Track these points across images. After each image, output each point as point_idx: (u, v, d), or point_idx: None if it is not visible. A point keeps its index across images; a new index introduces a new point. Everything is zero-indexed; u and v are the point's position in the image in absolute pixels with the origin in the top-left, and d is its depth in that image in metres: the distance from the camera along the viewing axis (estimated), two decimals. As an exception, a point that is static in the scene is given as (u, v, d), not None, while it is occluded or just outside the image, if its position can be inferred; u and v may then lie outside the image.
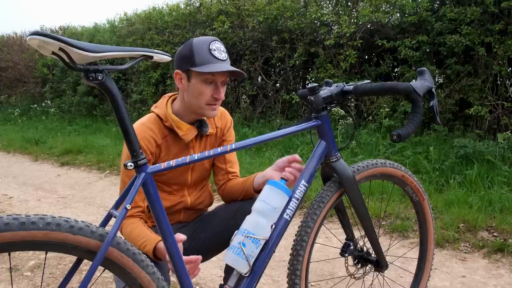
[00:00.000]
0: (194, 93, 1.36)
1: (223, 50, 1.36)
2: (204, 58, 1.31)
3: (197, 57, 1.31)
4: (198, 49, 1.32)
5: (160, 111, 1.43)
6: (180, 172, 1.48)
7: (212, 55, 1.32)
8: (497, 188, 3.10)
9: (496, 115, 4.03)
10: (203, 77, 1.34)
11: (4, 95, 11.16)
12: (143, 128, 1.39)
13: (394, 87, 1.21)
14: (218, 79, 1.35)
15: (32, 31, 0.84)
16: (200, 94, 1.35)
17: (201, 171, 1.55)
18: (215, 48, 1.33)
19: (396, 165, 1.48)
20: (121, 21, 8.45)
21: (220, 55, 1.34)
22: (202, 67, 1.31)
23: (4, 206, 3.74)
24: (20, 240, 0.85)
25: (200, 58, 1.31)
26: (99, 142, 6.15)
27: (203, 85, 1.35)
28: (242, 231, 1.19)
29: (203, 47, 1.32)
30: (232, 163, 1.60)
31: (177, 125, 1.41)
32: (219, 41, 1.37)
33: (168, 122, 1.42)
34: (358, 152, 4.19)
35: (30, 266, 2.47)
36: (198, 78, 1.34)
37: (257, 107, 5.94)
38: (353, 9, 5.11)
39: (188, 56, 1.33)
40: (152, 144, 1.40)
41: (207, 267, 2.35)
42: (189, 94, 1.38)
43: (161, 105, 1.45)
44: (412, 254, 2.16)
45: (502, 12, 3.91)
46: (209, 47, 1.32)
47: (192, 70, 1.33)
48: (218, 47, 1.35)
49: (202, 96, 1.36)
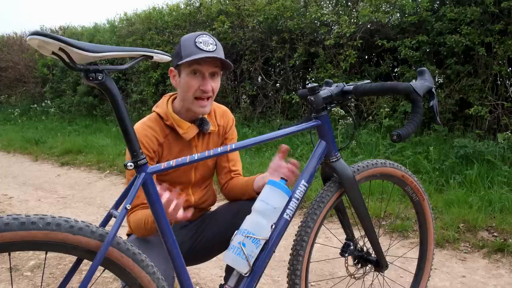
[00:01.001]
0: (184, 87, 1.38)
1: (211, 43, 1.36)
2: (190, 51, 1.33)
3: (184, 51, 1.34)
4: (185, 43, 1.35)
5: (161, 110, 1.44)
6: (184, 171, 1.49)
7: (197, 47, 1.33)
8: (497, 188, 3.10)
9: (496, 115, 4.03)
10: (189, 69, 1.35)
11: (4, 95, 11.16)
12: (144, 127, 1.40)
13: (394, 87, 1.21)
14: (205, 69, 1.36)
15: (32, 31, 0.84)
16: (188, 87, 1.37)
17: (204, 170, 1.55)
18: (201, 41, 1.34)
19: (396, 165, 1.48)
20: (121, 21, 8.45)
21: (207, 46, 1.34)
22: (187, 58, 1.32)
23: (4, 206, 3.74)
24: (20, 240, 0.85)
25: (186, 52, 1.34)
26: (99, 142, 6.15)
27: (190, 77, 1.36)
28: (242, 231, 1.19)
29: (190, 41, 1.35)
30: (234, 161, 1.61)
31: (177, 124, 1.42)
32: (208, 34, 1.38)
33: (169, 121, 1.42)
34: (358, 152, 4.19)
35: (30, 266, 2.47)
36: (185, 71, 1.36)
37: (257, 107, 5.94)
38: (353, 9, 5.11)
39: (178, 52, 1.36)
40: (154, 142, 1.40)
41: (207, 267, 2.35)
42: (181, 90, 1.40)
43: (162, 104, 1.46)
44: (412, 254, 2.16)
45: (502, 12, 3.91)
46: (195, 40, 1.34)
47: (180, 65, 1.35)
48: (205, 40, 1.35)
49: (190, 89, 1.37)
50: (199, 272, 2.35)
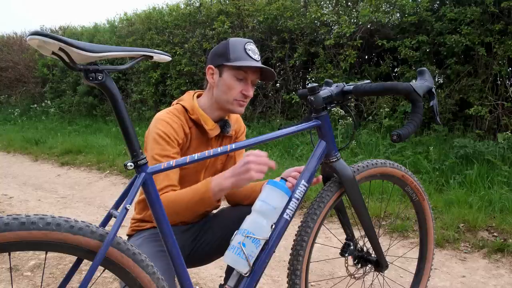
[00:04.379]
0: (224, 88, 1.40)
1: (257, 53, 1.41)
2: (239, 55, 1.36)
3: (232, 53, 1.37)
4: (234, 47, 1.38)
5: (187, 104, 1.45)
6: (194, 171, 1.49)
7: (246, 53, 1.37)
8: (497, 188, 3.10)
9: (496, 115, 4.03)
10: (235, 73, 1.38)
11: (4, 95, 11.17)
12: (170, 115, 1.41)
13: (394, 87, 1.21)
14: (250, 77, 1.40)
15: (32, 31, 0.83)
16: (230, 89, 1.39)
17: (213, 172, 1.55)
18: (250, 48, 1.39)
19: (396, 165, 1.48)
20: (121, 21, 8.46)
21: (254, 55, 1.39)
22: (236, 62, 1.36)
23: (4, 206, 3.74)
24: (20, 240, 0.85)
25: (235, 55, 1.37)
26: (99, 142, 6.15)
27: (234, 80, 1.39)
28: (242, 231, 1.19)
29: (239, 45, 1.38)
30: None
31: (204, 120, 1.44)
32: (254, 43, 1.43)
33: (194, 115, 1.44)
34: (358, 152, 4.19)
35: (30, 266, 2.47)
36: (230, 74, 1.39)
37: (257, 107, 5.94)
38: (353, 9, 5.11)
39: (223, 52, 1.39)
40: (181, 132, 1.41)
41: (207, 267, 2.33)
42: (219, 89, 1.42)
43: (187, 98, 1.48)
44: (412, 254, 2.15)
45: (502, 12, 3.91)
46: (245, 46, 1.38)
47: (225, 65, 1.38)
48: (253, 48, 1.40)
49: (231, 91, 1.39)
50: (199, 272, 2.35)
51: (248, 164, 1.22)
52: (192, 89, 1.62)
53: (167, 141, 1.36)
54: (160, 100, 6.95)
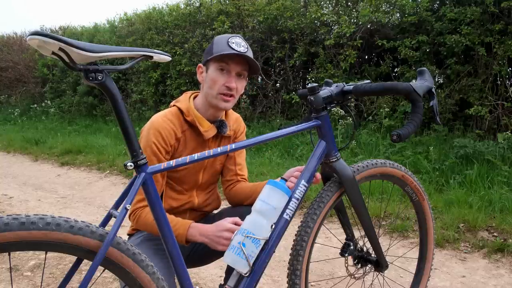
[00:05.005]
0: (210, 83, 1.40)
1: (243, 45, 1.39)
2: (222, 48, 1.36)
3: (215, 48, 1.37)
4: (218, 42, 1.39)
5: (182, 105, 1.45)
6: (194, 171, 1.49)
7: (229, 46, 1.36)
8: (497, 188, 3.10)
9: (496, 115, 4.03)
10: (217, 65, 1.38)
11: (4, 95, 11.17)
12: (164, 120, 1.41)
13: (394, 87, 1.21)
14: (233, 68, 1.39)
15: (32, 31, 0.83)
16: (213, 82, 1.39)
17: (212, 173, 1.56)
18: (234, 41, 1.37)
19: (396, 165, 1.48)
20: (121, 21, 8.46)
21: (238, 47, 1.37)
22: (216, 54, 1.35)
23: (4, 206, 3.74)
24: (20, 240, 0.85)
25: (218, 49, 1.37)
26: (99, 142, 6.15)
27: (217, 73, 1.39)
28: (242, 231, 1.19)
29: (222, 39, 1.38)
30: (241, 166, 1.62)
31: (199, 121, 1.44)
32: (241, 37, 1.42)
33: (190, 117, 1.44)
34: (358, 152, 4.19)
35: (30, 266, 2.47)
36: (213, 67, 1.39)
37: (257, 107, 5.94)
38: (353, 9, 5.11)
39: (209, 49, 1.40)
40: (172, 136, 1.41)
41: (207, 267, 2.33)
42: (206, 85, 1.42)
43: (184, 100, 1.48)
44: (412, 254, 2.16)
45: (502, 12, 3.91)
46: (228, 40, 1.37)
47: (209, 60, 1.39)
48: (238, 41, 1.38)
49: (215, 84, 1.39)
50: (199, 272, 2.35)
51: (220, 238, 1.27)
52: (192, 89, 1.62)
53: (153, 151, 1.37)
54: (160, 100, 6.95)
